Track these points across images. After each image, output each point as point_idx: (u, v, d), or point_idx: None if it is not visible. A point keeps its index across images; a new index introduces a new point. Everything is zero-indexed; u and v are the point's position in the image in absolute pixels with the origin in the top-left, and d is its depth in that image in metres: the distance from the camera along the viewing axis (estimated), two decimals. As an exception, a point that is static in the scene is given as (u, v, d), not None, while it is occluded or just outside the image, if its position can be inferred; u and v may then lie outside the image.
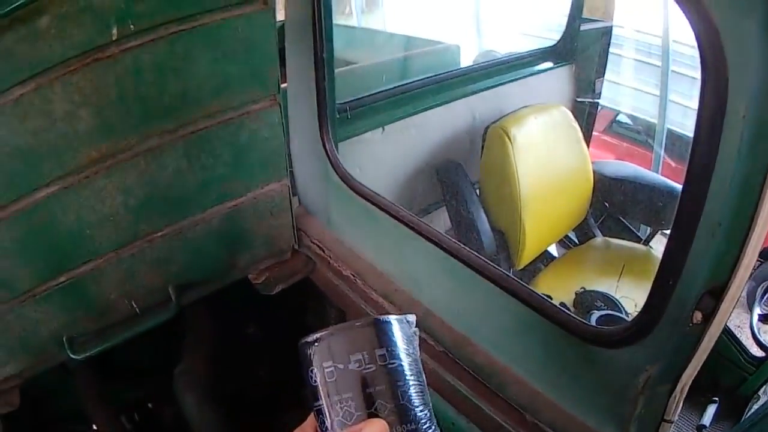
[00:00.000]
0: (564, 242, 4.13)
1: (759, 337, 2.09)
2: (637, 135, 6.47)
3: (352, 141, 2.80)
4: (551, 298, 1.74)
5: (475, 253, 1.87)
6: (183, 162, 1.82)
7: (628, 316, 2.73)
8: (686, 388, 1.34)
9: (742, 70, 1.02)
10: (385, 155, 3.10)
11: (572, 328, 1.60)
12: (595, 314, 2.75)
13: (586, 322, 1.72)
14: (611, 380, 1.56)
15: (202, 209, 1.99)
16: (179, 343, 2.37)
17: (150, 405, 2.61)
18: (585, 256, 3.70)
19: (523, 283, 1.78)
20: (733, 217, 1.11)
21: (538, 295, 1.70)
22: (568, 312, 1.65)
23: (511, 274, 1.86)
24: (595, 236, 3.85)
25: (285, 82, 2.13)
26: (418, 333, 0.91)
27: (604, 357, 1.55)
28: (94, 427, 2.40)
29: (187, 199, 1.93)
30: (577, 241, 4.00)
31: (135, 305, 2.01)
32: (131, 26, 1.47)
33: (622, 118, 6.49)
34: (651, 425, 1.43)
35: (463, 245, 1.94)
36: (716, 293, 1.19)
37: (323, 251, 2.39)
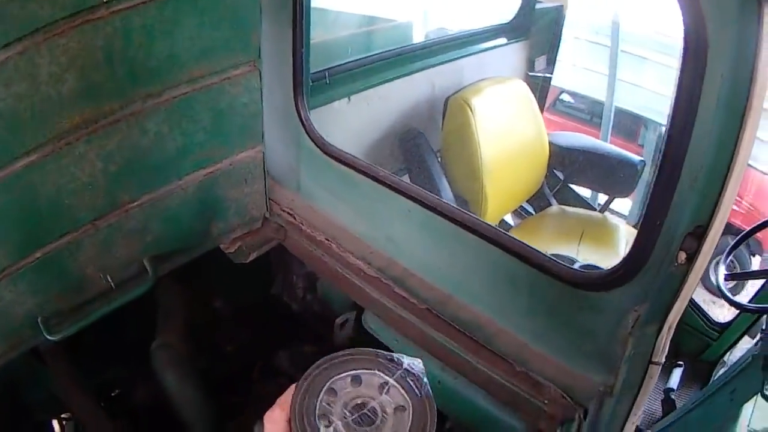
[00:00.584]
0: (518, 212, 4.30)
1: (729, 295, 2.25)
2: (581, 113, 6.73)
3: (320, 110, 2.84)
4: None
5: (460, 208, 1.96)
6: (164, 127, 1.84)
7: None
8: (672, 329, 1.48)
9: (721, 35, 1.17)
10: (351, 124, 3.18)
11: (561, 275, 1.71)
12: (577, 264, 2.91)
13: (574, 267, 1.82)
14: (601, 323, 1.67)
15: (179, 176, 2.02)
16: (150, 319, 2.37)
17: (121, 388, 2.59)
18: (542, 224, 3.88)
19: (511, 235, 1.87)
20: (713, 163, 1.26)
21: (526, 244, 1.79)
22: (555, 259, 1.75)
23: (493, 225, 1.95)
24: (550, 205, 4.03)
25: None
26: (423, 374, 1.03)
27: (593, 301, 1.66)
28: (63, 415, 2.40)
29: (165, 166, 1.95)
30: (532, 211, 4.18)
31: (110, 279, 2.02)
32: (120, -12, 1.48)
33: (564, 96, 6.74)
34: (640, 367, 1.55)
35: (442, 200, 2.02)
36: (698, 234, 1.33)
37: (295, 218, 2.45)
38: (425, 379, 1.02)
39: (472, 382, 1.98)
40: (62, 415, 2.48)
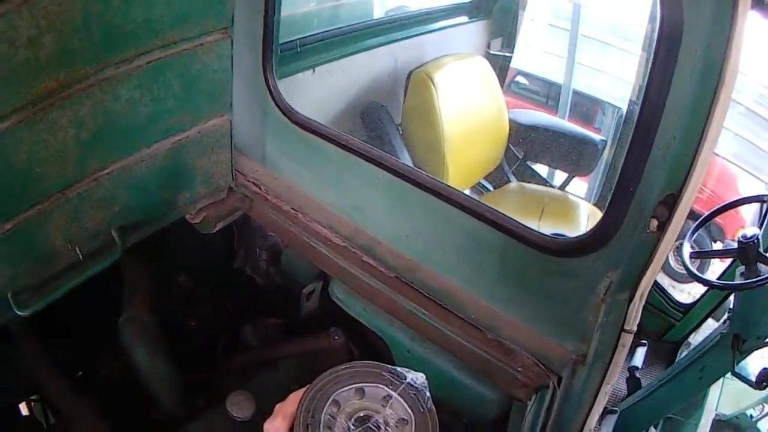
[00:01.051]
0: (477, 188, 4.42)
1: (695, 272, 2.36)
2: (536, 95, 6.90)
3: (285, 81, 2.88)
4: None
5: (430, 175, 2.03)
6: (136, 93, 1.87)
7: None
8: (644, 296, 1.55)
9: (696, 11, 1.25)
10: (315, 96, 3.25)
11: (532, 241, 1.78)
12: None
13: (545, 233, 1.88)
14: (573, 290, 1.74)
15: (149, 144, 2.05)
16: (116, 292, 2.37)
17: (91, 364, 2.60)
18: (502, 200, 4.02)
19: (482, 202, 1.94)
20: (686, 133, 1.34)
21: (498, 210, 1.86)
22: (527, 226, 1.83)
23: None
24: (509, 181, 4.18)
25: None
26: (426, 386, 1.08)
27: (565, 267, 1.74)
28: (32, 397, 2.42)
29: (135, 133, 1.98)
30: (490, 187, 4.31)
31: (78, 251, 2.04)
32: (103, -51, 1.51)
33: (519, 78, 6.90)
34: (612, 335, 1.62)
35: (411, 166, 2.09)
36: (670, 203, 1.41)
37: (260, 188, 2.50)
38: (428, 393, 1.06)
39: (443, 350, 2.04)
40: (31, 397, 2.48)
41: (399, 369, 1.09)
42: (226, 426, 2.15)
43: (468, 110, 3.64)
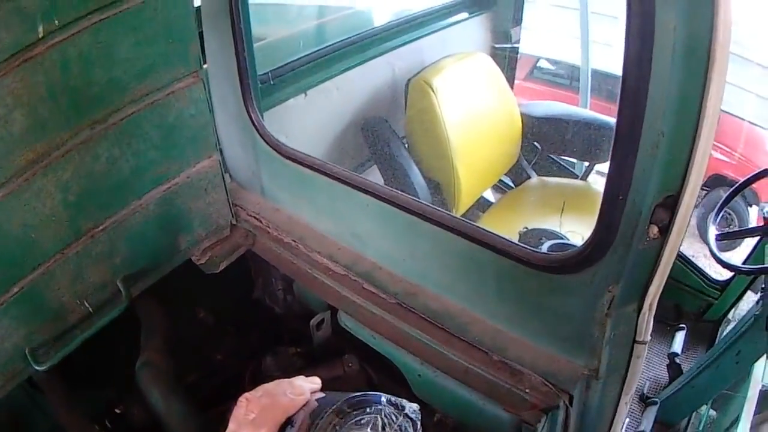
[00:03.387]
0: (499, 187, 4.48)
1: (721, 257, 2.32)
2: (561, 79, 6.91)
3: (276, 110, 3.02)
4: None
5: (415, 198, 2.08)
6: (115, 150, 1.99)
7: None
8: (654, 306, 1.47)
9: None
10: (310, 119, 3.34)
11: (524, 259, 1.76)
12: (546, 244, 3.01)
13: (538, 250, 1.84)
14: (575, 306, 1.70)
15: (139, 196, 2.17)
16: (136, 338, 2.49)
17: (119, 409, 2.72)
18: (523, 198, 4.06)
19: (469, 221, 1.97)
20: (675, 126, 1.23)
21: (485, 230, 1.88)
22: (518, 243, 1.82)
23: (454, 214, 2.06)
24: (530, 177, 4.21)
25: (206, 63, 2.33)
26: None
27: (562, 283, 1.71)
28: None
29: (123, 188, 2.10)
30: (512, 185, 4.36)
31: (87, 304, 2.17)
32: (56, 22, 1.63)
33: (542, 63, 6.91)
34: (624, 348, 1.55)
35: (400, 192, 2.13)
36: (669, 205, 1.30)
37: (261, 222, 2.60)
38: (419, 426, 1.13)
39: (449, 375, 2.02)
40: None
41: (399, 400, 1.16)
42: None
43: (474, 112, 3.70)
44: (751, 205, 5.87)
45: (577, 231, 3.41)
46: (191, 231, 2.46)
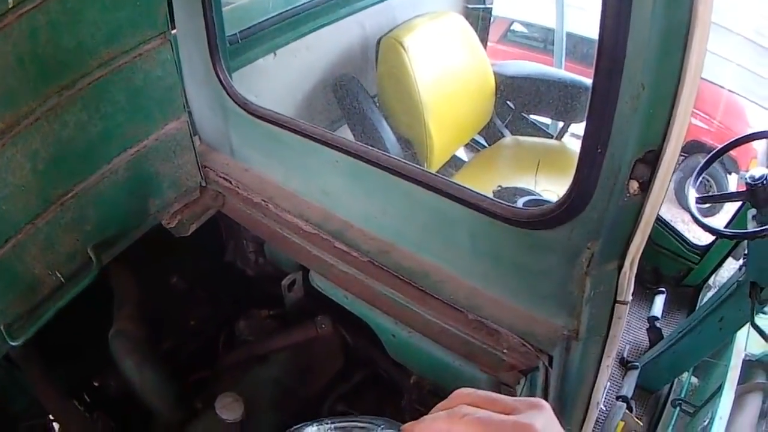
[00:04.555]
0: (473, 146, 4.54)
1: (703, 221, 2.33)
2: (535, 42, 6.94)
3: (245, 70, 3.02)
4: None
5: (387, 153, 2.09)
6: (83, 115, 2.00)
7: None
8: (635, 265, 1.46)
9: None
10: (280, 79, 3.35)
11: (500, 215, 1.74)
12: (520, 200, 3.06)
13: (513, 205, 1.84)
14: (553, 263, 1.70)
15: (108, 160, 2.19)
16: (110, 308, 2.51)
17: (96, 381, 2.76)
18: (496, 156, 4.12)
19: (442, 176, 1.97)
20: (656, 78, 1.20)
21: (459, 185, 1.86)
22: (493, 198, 1.80)
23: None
24: (503, 136, 4.27)
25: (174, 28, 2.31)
26: None
27: (539, 240, 1.69)
28: (50, 417, 2.54)
29: (91, 153, 2.12)
30: (486, 144, 4.42)
31: (59, 274, 2.19)
32: (25, -9, 1.63)
33: (516, 27, 6.93)
34: (604, 308, 1.54)
35: (373, 147, 2.13)
36: (650, 160, 1.29)
37: (230, 183, 2.62)
38: None
39: (423, 335, 2.04)
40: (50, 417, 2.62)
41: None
42: (220, 428, 2.23)
43: (446, 71, 3.73)
44: (730, 172, 6.04)
45: (552, 189, 3.47)
46: (161, 194, 2.48)
